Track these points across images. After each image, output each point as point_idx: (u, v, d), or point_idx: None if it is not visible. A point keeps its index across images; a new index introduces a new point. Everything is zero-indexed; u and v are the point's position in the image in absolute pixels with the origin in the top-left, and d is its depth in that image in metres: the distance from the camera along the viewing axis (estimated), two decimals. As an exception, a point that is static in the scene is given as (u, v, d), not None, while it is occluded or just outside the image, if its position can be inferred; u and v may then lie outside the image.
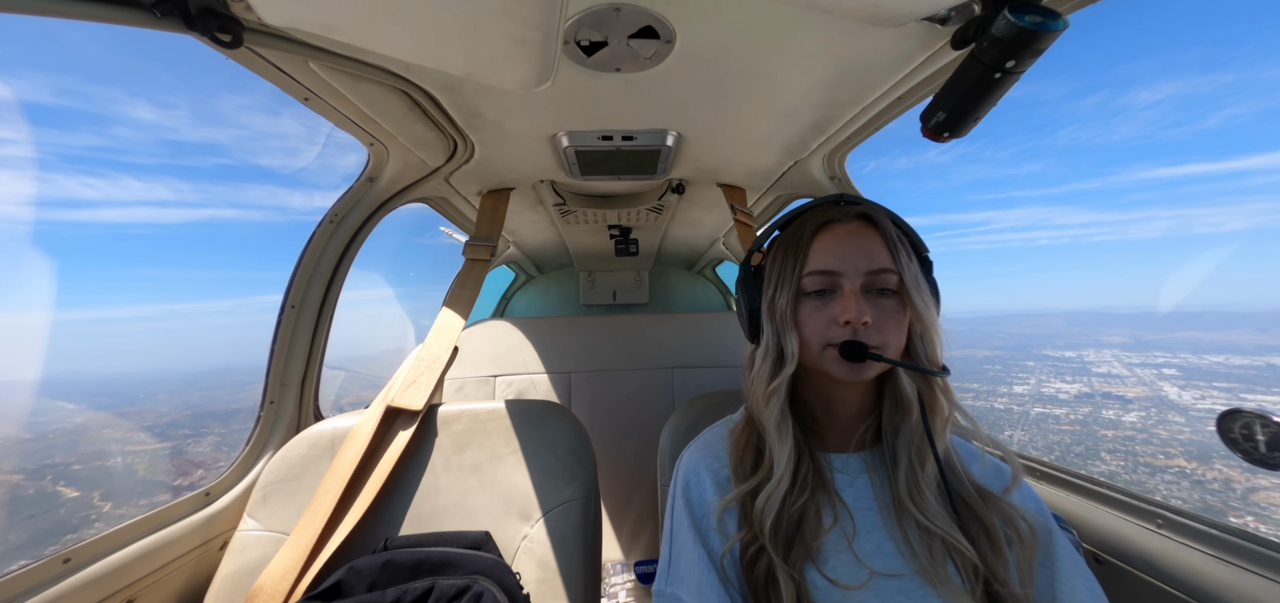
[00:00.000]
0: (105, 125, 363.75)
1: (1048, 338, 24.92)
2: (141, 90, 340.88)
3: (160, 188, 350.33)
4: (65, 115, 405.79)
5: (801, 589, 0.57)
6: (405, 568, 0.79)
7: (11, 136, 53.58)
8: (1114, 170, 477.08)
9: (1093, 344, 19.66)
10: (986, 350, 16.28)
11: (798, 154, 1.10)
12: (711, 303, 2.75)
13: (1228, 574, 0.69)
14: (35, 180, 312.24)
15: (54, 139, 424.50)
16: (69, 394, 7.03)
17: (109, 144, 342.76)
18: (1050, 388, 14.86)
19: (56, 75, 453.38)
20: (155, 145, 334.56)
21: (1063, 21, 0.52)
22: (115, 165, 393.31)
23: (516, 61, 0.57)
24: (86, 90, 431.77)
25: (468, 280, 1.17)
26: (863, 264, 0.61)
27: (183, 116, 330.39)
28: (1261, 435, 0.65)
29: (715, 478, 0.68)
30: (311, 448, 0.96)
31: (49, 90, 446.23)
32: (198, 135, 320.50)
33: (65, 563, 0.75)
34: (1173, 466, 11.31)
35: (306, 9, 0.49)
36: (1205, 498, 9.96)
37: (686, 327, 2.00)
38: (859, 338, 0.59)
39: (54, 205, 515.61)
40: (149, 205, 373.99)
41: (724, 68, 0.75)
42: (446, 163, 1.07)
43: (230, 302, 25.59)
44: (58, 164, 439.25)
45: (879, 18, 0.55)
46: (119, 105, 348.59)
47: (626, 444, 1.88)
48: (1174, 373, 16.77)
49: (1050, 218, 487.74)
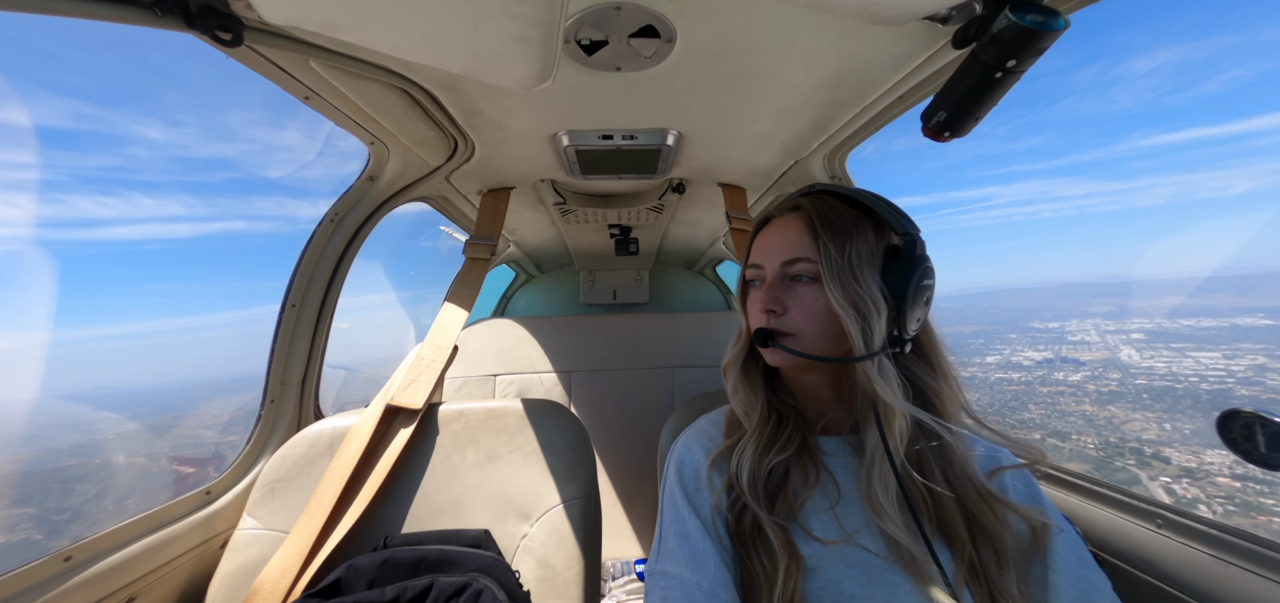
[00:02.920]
0: (119, 145, 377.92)
1: (1036, 311, 25.17)
2: (154, 109, 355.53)
3: (172, 203, 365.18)
4: (81, 138, 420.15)
5: (787, 535, 0.58)
6: (404, 566, 0.79)
7: (31, 161, 53.28)
8: (1115, 139, 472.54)
9: (1078, 315, 20.00)
10: (975, 326, 16.63)
11: (798, 153, 1.10)
12: (712, 302, 2.75)
13: (1227, 574, 0.69)
14: (52, 203, 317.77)
15: (71, 161, 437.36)
16: (107, 405, 7.01)
17: (122, 163, 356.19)
18: (1019, 357, 15.37)
19: (73, 100, 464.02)
20: (167, 162, 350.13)
21: (1063, 21, 0.52)
22: (129, 184, 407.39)
23: (517, 60, 0.57)
24: (101, 113, 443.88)
25: (468, 279, 1.17)
26: (779, 255, 0.65)
27: (193, 133, 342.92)
28: (1261, 436, 0.65)
29: (706, 451, 0.70)
30: (311, 447, 0.96)
31: (67, 115, 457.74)
32: (207, 151, 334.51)
33: (66, 562, 0.75)
34: (1081, 410, 13.01)
35: (307, 7, 0.49)
36: (1096, 428, 11.52)
37: (687, 326, 1.99)
38: (769, 325, 0.64)
39: (70, 225, 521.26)
40: (161, 221, 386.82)
41: (724, 67, 0.75)
42: (447, 162, 1.07)
43: (252, 312, 24.09)
44: (73, 185, 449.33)
45: (880, 17, 0.55)
46: (132, 125, 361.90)
47: (626, 443, 1.88)
48: (1140, 337, 17.46)
49: (1052, 190, 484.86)
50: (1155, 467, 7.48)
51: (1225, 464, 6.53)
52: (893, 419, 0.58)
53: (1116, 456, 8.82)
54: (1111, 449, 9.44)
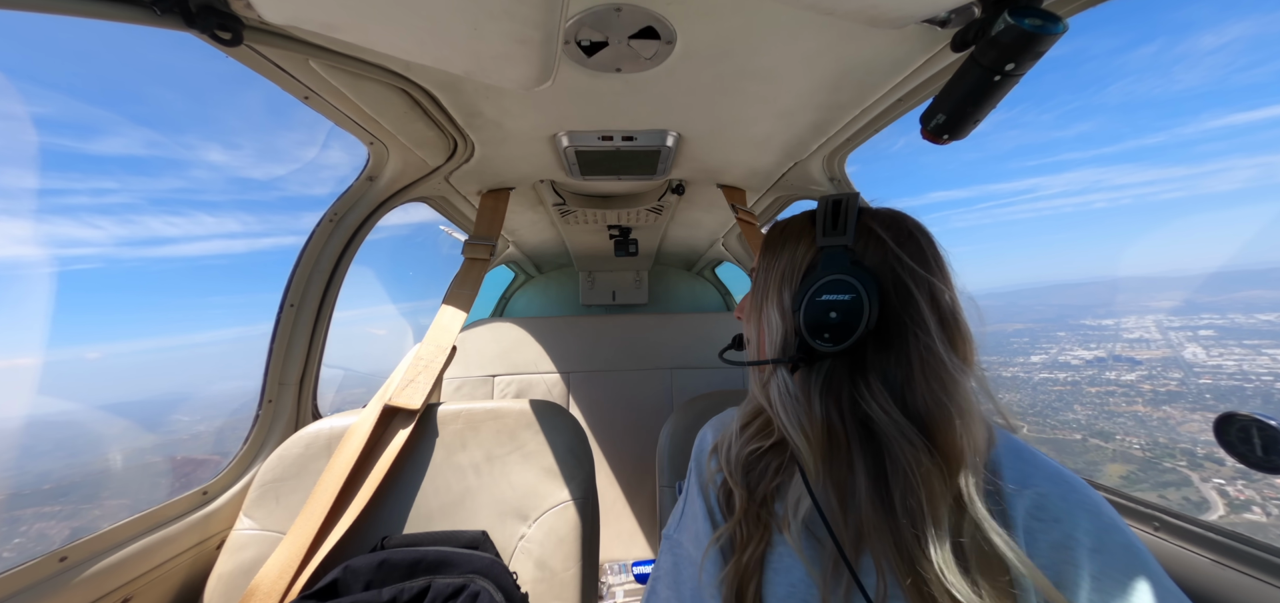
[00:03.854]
0: (184, 168, 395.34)
1: (1088, 307, 24.34)
2: (214, 135, 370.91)
3: (230, 221, 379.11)
4: (153, 163, 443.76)
5: (763, 508, 0.59)
6: (401, 567, 0.79)
7: (113, 186, 56.17)
8: (1179, 121, 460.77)
9: (1136, 311, 19.32)
10: (1019, 324, 16.22)
11: (797, 155, 1.10)
12: (711, 303, 2.75)
13: (1225, 578, 0.69)
14: (129, 223, 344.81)
15: (144, 185, 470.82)
16: (187, 410, 7.01)
17: (187, 185, 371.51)
18: (1068, 356, 14.87)
19: (146, 129, 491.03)
20: (226, 184, 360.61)
21: (1063, 24, 0.52)
22: (193, 204, 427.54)
23: (517, 61, 0.57)
24: (168, 140, 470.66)
25: (467, 280, 1.17)
26: None
27: (248, 156, 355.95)
28: (1258, 439, 0.65)
29: None
30: (308, 447, 0.96)
31: (141, 144, 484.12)
32: (260, 172, 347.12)
33: (62, 562, 0.74)
34: (1132, 410, 12.32)
35: (307, 7, 0.49)
36: (1148, 429, 10.84)
37: (686, 327, 2.00)
38: None
39: (144, 244, 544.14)
40: (220, 238, 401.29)
41: (724, 68, 0.75)
42: (446, 162, 1.07)
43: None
44: (146, 207, 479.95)
45: (879, 19, 0.55)
46: (196, 150, 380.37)
47: (625, 444, 1.88)
48: (1209, 334, 16.71)
49: (1107, 179, 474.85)
50: (1208, 468, 7.10)
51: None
52: None
53: (1166, 457, 8.41)
54: (1160, 450, 8.89)
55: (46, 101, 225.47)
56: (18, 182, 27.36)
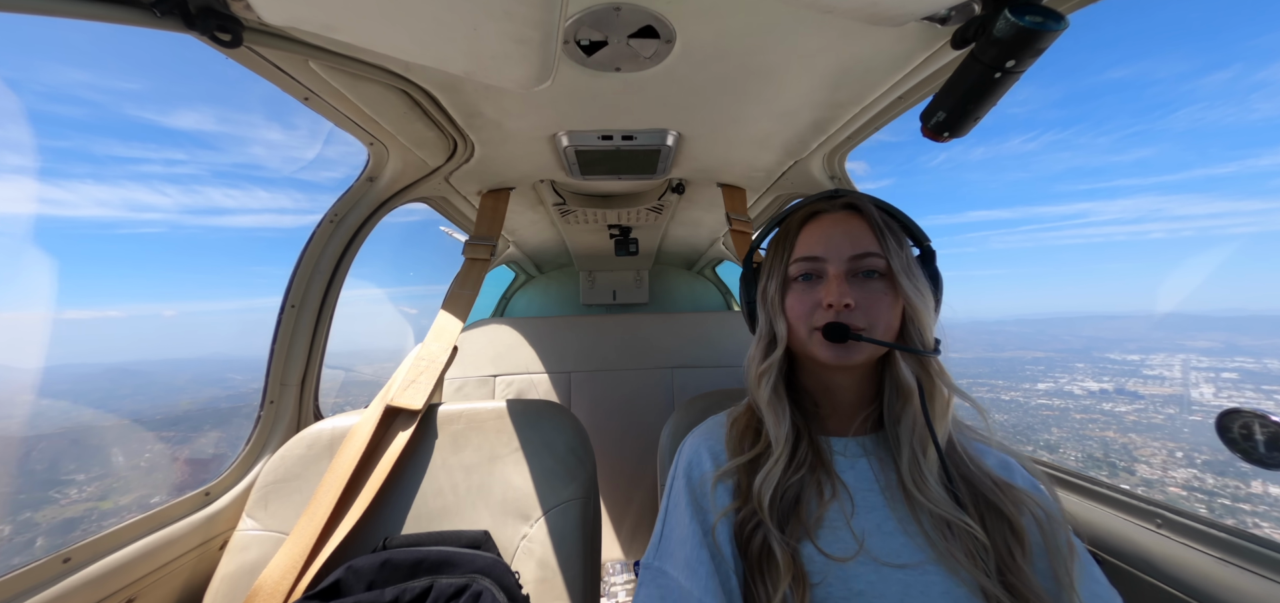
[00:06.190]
0: (245, 145, 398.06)
1: (1118, 341, 24.45)
2: (275, 115, 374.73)
3: (283, 197, 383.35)
4: (221, 138, 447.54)
5: (796, 559, 0.58)
6: (404, 567, 0.79)
7: (182, 157, 58.87)
8: (1253, 152, 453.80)
9: (1169, 348, 19.47)
10: (1039, 352, 16.59)
11: (798, 154, 1.10)
12: (711, 303, 2.75)
13: (1227, 574, 0.69)
14: (194, 193, 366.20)
15: (211, 159, 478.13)
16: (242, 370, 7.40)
17: (246, 161, 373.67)
18: (1074, 386, 15.22)
19: (220, 107, 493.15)
20: (281, 161, 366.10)
21: (1063, 21, 0.52)
22: (250, 179, 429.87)
23: (516, 61, 0.57)
24: (237, 116, 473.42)
25: (467, 280, 1.17)
26: (846, 249, 0.63)
27: (303, 136, 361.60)
28: (1260, 435, 0.65)
29: (714, 458, 0.69)
30: (310, 448, 0.96)
31: (213, 119, 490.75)
32: (311, 152, 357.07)
33: (65, 562, 0.74)
34: (1103, 436, 13.35)
35: (306, 8, 0.49)
36: (1109, 456, 11.64)
37: (686, 327, 1.99)
38: (842, 320, 0.61)
39: (205, 213, 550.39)
40: (272, 212, 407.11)
41: (724, 67, 0.75)
42: (446, 162, 1.07)
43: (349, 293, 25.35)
44: (209, 179, 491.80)
45: (879, 17, 0.55)
46: (258, 129, 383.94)
47: (626, 444, 1.88)
48: (1234, 376, 17.04)
49: (1166, 208, 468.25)
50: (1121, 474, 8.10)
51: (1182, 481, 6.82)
52: (937, 403, 0.61)
53: (1093, 467, 9.21)
54: (1091, 463, 10.03)
55: (136, 77, 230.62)
56: (108, 150, 29.01)
